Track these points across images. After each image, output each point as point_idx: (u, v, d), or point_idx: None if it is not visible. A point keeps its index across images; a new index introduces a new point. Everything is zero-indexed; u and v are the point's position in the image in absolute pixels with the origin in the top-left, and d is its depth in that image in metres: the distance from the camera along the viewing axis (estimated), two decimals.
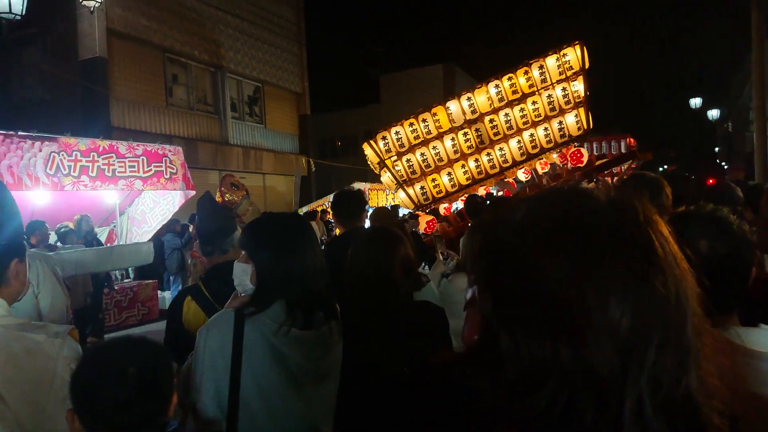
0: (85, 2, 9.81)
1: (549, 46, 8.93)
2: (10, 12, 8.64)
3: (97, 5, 10.05)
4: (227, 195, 3.67)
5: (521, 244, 0.60)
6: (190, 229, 10.73)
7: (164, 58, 13.41)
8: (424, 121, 9.54)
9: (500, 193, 9.70)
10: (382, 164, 10.19)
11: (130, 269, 9.38)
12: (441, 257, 3.36)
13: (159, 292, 9.35)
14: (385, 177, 9.76)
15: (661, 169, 25.18)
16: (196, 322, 1.93)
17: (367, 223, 5.28)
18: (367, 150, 9.77)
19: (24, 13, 8.88)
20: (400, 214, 13.84)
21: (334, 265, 1.81)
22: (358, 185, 13.99)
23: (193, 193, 8.89)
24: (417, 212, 9.96)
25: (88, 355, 1.27)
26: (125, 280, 9.21)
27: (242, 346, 1.46)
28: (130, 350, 1.20)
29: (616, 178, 10.59)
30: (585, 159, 8.90)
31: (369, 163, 10.25)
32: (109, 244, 8.97)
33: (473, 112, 9.18)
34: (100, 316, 7.24)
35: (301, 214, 13.77)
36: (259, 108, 17.12)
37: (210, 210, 2.34)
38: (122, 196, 9.04)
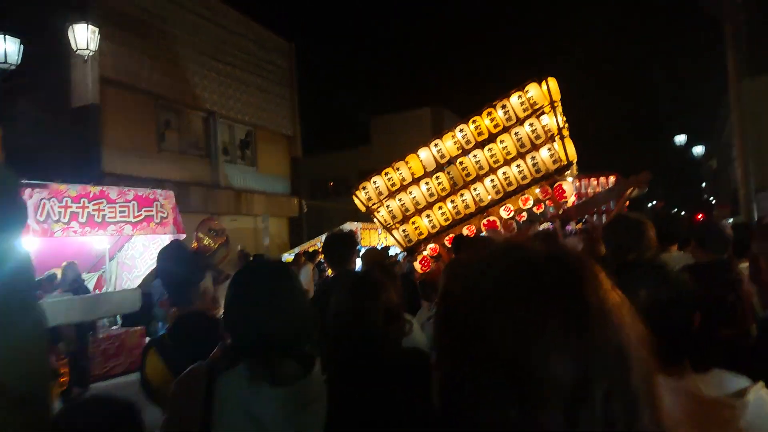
0: (79, 51, 10.06)
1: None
2: (6, 62, 8.84)
3: (90, 54, 10.30)
4: (205, 240, 3.65)
5: (466, 303, 0.62)
6: None
7: (156, 105, 13.63)
8: (398, 169, 9.81)
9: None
10: (368, 211, 10.44)
11: (117, 316, 9.29)
12: (426, 304, 3.34)
13: (146, 339, 9.23)
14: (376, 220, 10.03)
15: (649, 205, 25.45)
16: (157, 377, 1.90)
17: (360, 264, 5.32)
18: (356, 199, 10.09)
19: (19, 62, 9.10)
20: (395, 254, 13.90)
21: (323, 312, 1.81)
22: (349, 225, 14.08)
23: (183, 236, 8.90)
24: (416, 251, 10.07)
25: (54, 420, 1.25)
26: (113, 327, 9.10)
27: (213, 404, 1.41)
28: (93, 414, 1.19)
29: (607, 215, 10.67)
30: (568, 194, 9.01)
31: (360, 207, 10.48)
32: (97, 291, 8.92)
33: (442, 157, 9.44)
34: (83, 365, 7.12)
35: (294, 255, 13.77)
36: (251, 151, 17.32)
37: (175, 258, 2.32)
38: (112, 241, 9.03)
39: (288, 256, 14.19)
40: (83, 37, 9.77)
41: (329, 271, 7.86)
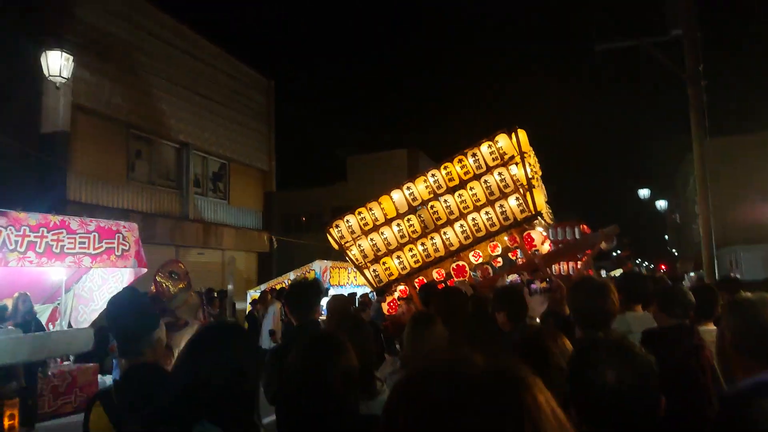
0: (51, 78, 9.91)
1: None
2: None
3: (63, 81, 10.15)
4: (164, 284, 3.51)
5: (401, 418, 0.63)
6: None
7: (128, 134, 13.46)
8: (371, 209, 9.88)
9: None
10: (341, 249, 10.42)
11: None
12: (389, 358, 3.25)
13: (100, 376, 8.79)
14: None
15: (614, 254, 25.97)
16: None
17: (325, 311, 5.20)
18: (329, 236, 10.10)
19: None
20: (367, 293, 13.75)
21: (279, 370, 1.72)
22: (319, 263, 13.92)
23: (144, 270, 8.64)
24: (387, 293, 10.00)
25: None
26: (64, 363, 8.66)
27: None
28: None
29: (577, 263, 10.76)
30: (537, 242, 9.13)
31: (333, 245, 10.46)
32: (50, 325, 8.53)
33: (414, 199, 9.56)
34: (30, 403, 6.72)
35: (261, 291, 13.49)
36: (223, 184, 17.15)
37: (127, 306, 2.20)
38: (69, 272, 8.71)
39: (254, 293, 13.90)
40: (57, 63, 9.64)
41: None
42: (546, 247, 11.26)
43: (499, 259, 9.95)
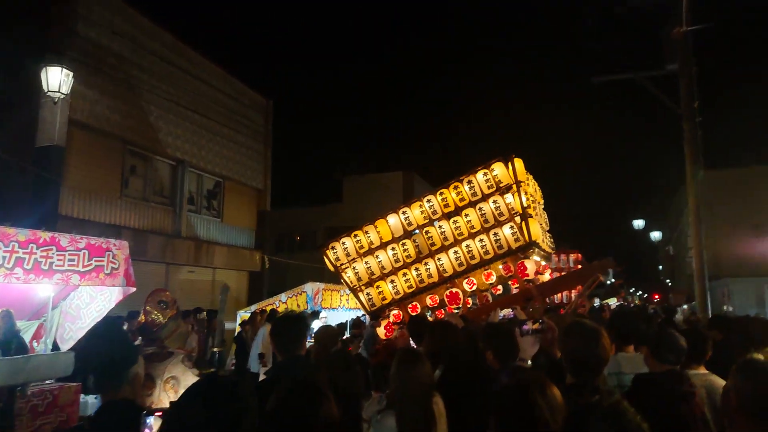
0: (50, 93, 9.92)
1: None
2: None
3: (62, 96, 10.17)
4: (153, 314, 3.45)
5: None
6: (125, 326, 10.20)
7: (124, 150, 13.43)
8: (367, 233, 9.85)
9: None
10: (336, 271, 10.36)
11: None
12: (376, 395, 3.17)
13: (82, 396, 8.60)
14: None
15: (608, 282, 25.94)
16: None
17: (312, 342, 5.11)
18: (325, 258, 10.08)
19: None
20: (360, 316, 13.60)
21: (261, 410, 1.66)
22: (311, 285, 13.81)
23: (133, 289, 8.52)
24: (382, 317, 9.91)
25: None
26: (46, 382, 8.46)
27: None
28: None
29: (571, 292, 10.68)
30: (530, 272, 9.08)
31: (329, 266, 10.42)
32: (35, 342, 8.37)
33: (409, 224, 9.54)
34: (7, 425, 6.54)
35: (251, 312, 13.34)
36: (217, 202, 17.09)
37: (106, 338, 2.12)
38: (57, 289, 8.57)
39: (244, 314, 13.75)
40: (56, 79, 9.67)
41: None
42: (546, 276, 11.22)
43: (500, 287, 9.88)
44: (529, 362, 2.83)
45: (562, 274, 12.79)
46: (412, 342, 4.31)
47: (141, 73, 13.54)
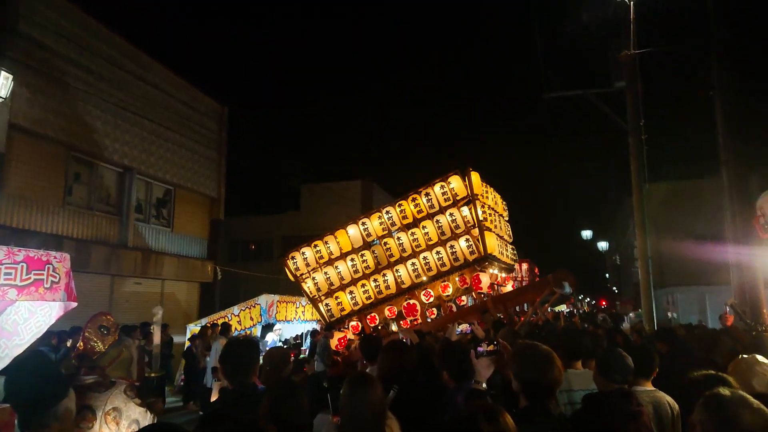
0: None
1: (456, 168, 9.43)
2: None
3: (1, 100, 9.65)
4: (92, 341, 3.26)
5: None
6: (68, 343, 9.71)
7: (68, 156, 12.84)
8: (326, 243, 9.79)
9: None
10: (296, 281, 10.23)
11: None
12: (323, 416, 3.08)
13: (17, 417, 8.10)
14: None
15: (566, 293, 26.61)
16: None
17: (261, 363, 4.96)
18: (286, 269, 9.98)
19: None
20: (317, 327, 13.38)
21: None
22: (265, 297, 13.53)
23: (74, 304, 8.11)
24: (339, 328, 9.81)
25: None
26: None
27: None
28: None
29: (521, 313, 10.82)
30: (484, 285, 9.19)
31: (289, 276, 10.27)
32: None
33: (368, 235, 9.55)
34: None
35: (201, 326, 12.94)
36: (167, 211, 16.54)
37: (32, 373, 1.96)
38: None
39: (195, 327, 13.33)
40: None
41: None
42: (509, 287, 11.36)
43: (464, 297, 9.96)
44: (484, 384, 2.81)
45: (520, 284, 13.02)
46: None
47: (88, 77, 13.01)
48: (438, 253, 9.26)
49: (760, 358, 3.00)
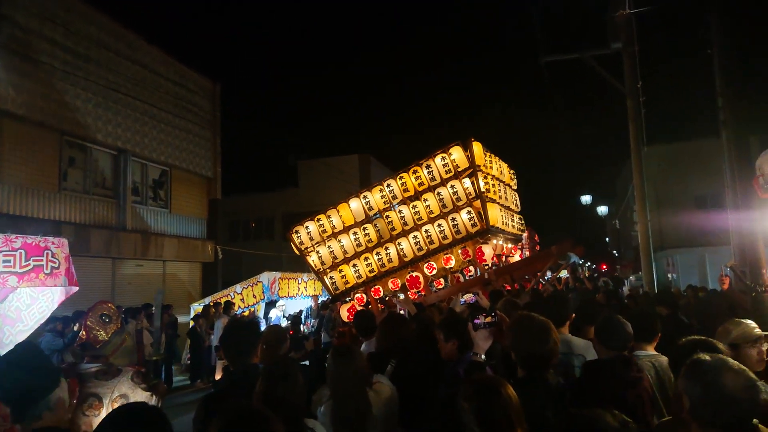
0: None
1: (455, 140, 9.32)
2: None
3: None
4: (94, 331, 3.24)
5: None
6: (75, 327, 9.77)
7: (61, 141, 12.72)
8: (329, 217, 9.76)
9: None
10: (301, 254, 10.27)
11: None
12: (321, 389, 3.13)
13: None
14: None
15: (573, 261, 26.69)
16: None
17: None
18: (291, 242, 10.03)
19: None
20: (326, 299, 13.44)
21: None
22: (267, 274, 13.57)
23: (75, 289, 8.13)
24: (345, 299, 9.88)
25: None
26: None
27: None
28: None
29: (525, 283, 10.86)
30: (487, 257, 9.16)
31: (294, 250, 10.33)
32: None
33: (370, 209, 9.50)
34: None
35: (204, 305, 13.02)
36: (164, 192, 16.46)
37: (22, 365, 1.93)
38: None
39: (198, 306, 13.42)
40: None
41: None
42: (516, 258, 11.34)
43: (470, 268, 9.96)
44: (483, 356, 2.80)
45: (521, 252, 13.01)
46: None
47: (75, 59, 12.79)
48: (439, 225, 9.21)
49: (740, 321, 2.98)
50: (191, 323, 12.52)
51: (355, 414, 2.57)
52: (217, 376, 9.39)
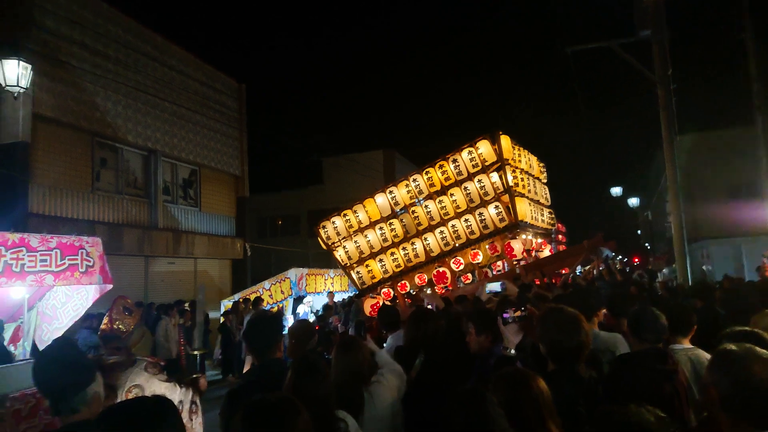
0: (8, 87, 9.52)
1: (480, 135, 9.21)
2: None
3: (21, 91, 9.77)
4: (117, 323, 3.33)
5: None
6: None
7: (93, 143, 13.04)
8: (356, 212, 9.79)
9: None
10: (328, 249, 10.35)
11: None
12: None
13: None
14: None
15: (605, 255, 26.28)
16: None
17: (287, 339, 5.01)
18: (318, 237, 10.12)
19: None
20: (343, 298, 13.53)
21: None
22: (295, 271, 13.71)
23: (110, 286, 8.35)
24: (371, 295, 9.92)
25: None
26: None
27: None
28: None
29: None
30: (517, 252, 9.05)
31: (322, 245, 10.39)
32: (11, 346, 8.17)
33: (396, 204, 9.48)
34: None
35: (233, 301, 13.22)
36: (194, 191, 16.77)
37: (57, 361, 1.99)
38: (32, 290, 8.36)
39: (228, 302, 13.64)
40: (13, 73, 9.25)
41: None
42: (546, 253, 11.21)
43: (499, 263, 9.90)
44: (513, 351, 2.78)
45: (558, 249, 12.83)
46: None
47: (105, 62, 13.08)
48: (467, 221, 9.15)
49: None
50: (221, 319, 12.73)
51: (349, 404, 2.55)
52: (245, 370, 9.52)
